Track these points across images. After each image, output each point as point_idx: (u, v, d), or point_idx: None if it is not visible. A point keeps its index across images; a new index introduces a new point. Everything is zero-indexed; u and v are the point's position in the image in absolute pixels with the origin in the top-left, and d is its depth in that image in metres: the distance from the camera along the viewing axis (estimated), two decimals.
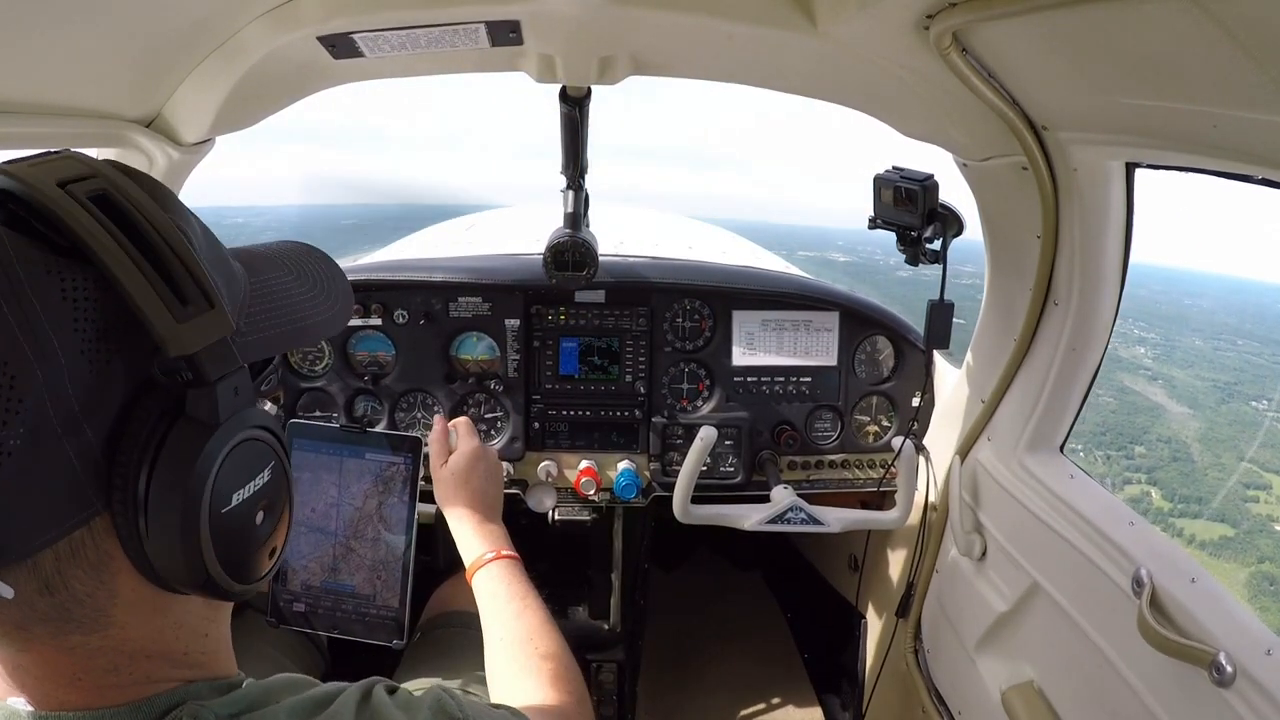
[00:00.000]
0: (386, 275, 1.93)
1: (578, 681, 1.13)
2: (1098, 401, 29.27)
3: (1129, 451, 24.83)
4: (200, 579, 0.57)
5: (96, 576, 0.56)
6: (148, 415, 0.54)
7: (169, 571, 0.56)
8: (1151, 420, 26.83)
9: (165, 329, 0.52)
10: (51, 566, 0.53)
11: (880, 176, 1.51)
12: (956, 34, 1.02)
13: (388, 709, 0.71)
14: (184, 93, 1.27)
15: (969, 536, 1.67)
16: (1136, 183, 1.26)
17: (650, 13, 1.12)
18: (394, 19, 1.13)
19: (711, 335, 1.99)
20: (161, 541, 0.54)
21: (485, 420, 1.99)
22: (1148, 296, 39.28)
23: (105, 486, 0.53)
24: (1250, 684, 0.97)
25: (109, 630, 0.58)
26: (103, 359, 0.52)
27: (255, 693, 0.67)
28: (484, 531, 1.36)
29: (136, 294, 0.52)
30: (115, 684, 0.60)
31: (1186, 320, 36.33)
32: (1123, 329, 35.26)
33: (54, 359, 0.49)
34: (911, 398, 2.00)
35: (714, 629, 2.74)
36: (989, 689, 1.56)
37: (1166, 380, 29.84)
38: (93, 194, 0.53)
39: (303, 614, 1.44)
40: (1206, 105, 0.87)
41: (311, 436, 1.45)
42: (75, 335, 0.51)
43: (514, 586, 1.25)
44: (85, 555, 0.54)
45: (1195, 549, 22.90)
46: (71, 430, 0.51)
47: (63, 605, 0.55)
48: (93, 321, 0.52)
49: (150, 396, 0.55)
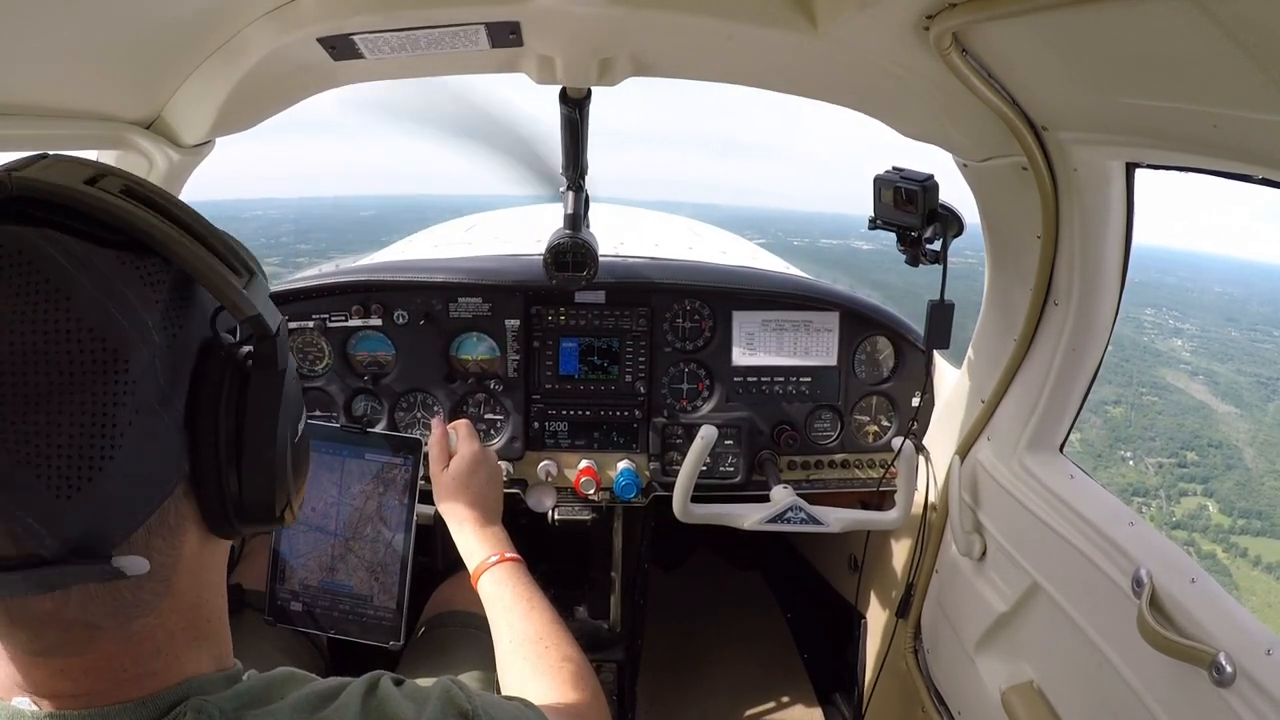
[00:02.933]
0: (386, 275, 1.93)
1: (592, 680, 1.13)
2: (1141, 402, 28.71)
3: (1181, 459, 24.07)
4: (283, 506, 0.64)
5: (171, 541, 0.59)
6: (219, 375, 0.60)
7: (257, 509, 0.62)
8: (1200, 422, 26.11)
9: (234, 295, 0.58)
10: (143, 541, 0.56)
11: (880, 177, 1.51)
12: (956, 34, 1.02)
13: (395, 700, 0.71)
14: (184, 94, 1.27)
15: (969, 536, 1.67)
16: (1136, 183, 1.26)
17: (650, 13, 1.12)
18: (394, 20, 1.13)
19: (711, 335, 1.99)
20: (257, 481, 0.60)
21: (485, 420, 1.99)
22: (1177, 284, 38.49)
23: (192, 448, 0.58)
24: (1250, 684, 0.97)
25: (164, 602, 0.61)
26: (174, 332, 0.57)
27: (258, 686, 0.67)
28: (486, 535, 1.36)
29: (206, 270, 0.57)
30: (125, 679, 0.60)
31: (1220, 309, 35.46)
32: (1158, 319, 34.53)
33: (150, 339, 0.54)
34: (911, 398, 2.00)
35: (714, 629, 2.74)
36: (989, 689, 1.56)
37: (1208, 376, 29.10)
38: (122, 189, 0.57)
39: (300, 613, 1.44)
40: (1206, 105, 0.87)
41: (312, 436, 1.45)
42: (158, 314, 0.55)
43: (519, 589, 1.25)
44: (167, 522, 0.58)
45: (1261, 572, 21.61)
46: (166, 403, 0.55)
47: (140, 583, 0.57)
48: (164, 300, 0.57)
49: (213, 360, 0.60)
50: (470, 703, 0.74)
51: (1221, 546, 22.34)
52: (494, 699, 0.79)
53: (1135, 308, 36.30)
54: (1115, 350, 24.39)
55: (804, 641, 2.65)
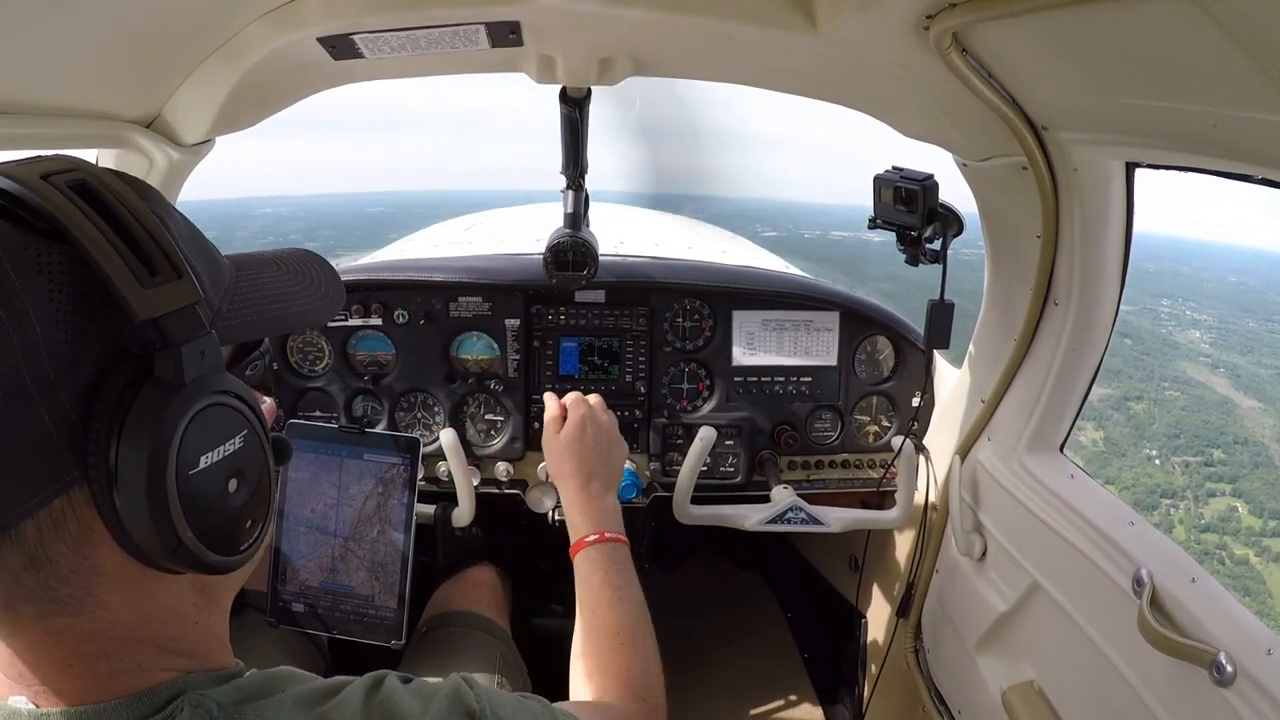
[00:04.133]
0: (386, 275, 1.93)
1: (656, 691, 1.08)
2: (1163, 397, 28.03)
3: (1208, 457, 23.24)
4: (172, 546, 0.57)
5: (79, 551, 0.56)
6: (118, 382, 0.56)
7: (142, 538, 0.56)
8: (1223, 418, 25.30)
9: (131, 294, 0.54)
10: (35, 539, 0.54)
11: (880, 176, 1.51)
12: (956, 34, 1.02)
13: (401, 697, 0.70)
14: (184, 93, 1.27)
15: (969, 536, 1.67)
16: (1136, 183, 1.26)
17: (650, 13, 1.12)
18: (394, 20, 1.13)
19: (711, 335, 1.99)
20: (131, 503, 0.55)
21: (485, 420, 1.99)
22: (1191, 274, 37.60)
23: (81, 453, 0.55)
24: (1251, 684, 0.97)
25: (96, 612, 0.58)
26: (78, 329, 0.54)
27: (258, 681, 0.66)
28: (590, 508, 1.28)
29: (104, 262, 0.54)
30: (107, 671, 0.60)
31: (1236, 299, 34.60)
32: (1174, 310, 33.69)
33: (29, 326, 0.51)
34: (911, 397, 2.00)
35: (714, 629, 2.74)
36: (989, 689, 1.56)
37: (1229, 369, 28.29)
38: (72, 183, 0.56)
39: (302, 614, 1.44)
40: (1206, 105, 0.87)
41: (310, 437, 1.45)
42: (50, 305, 0.53)
43: (612, 575, 1.19)
44: (68, 528, 0.55)
45: None
46: (46, 396, 0.53)
47: (47, 582, 0.56)
48: (67, 293, 0.54)
49: (123, 365, 0.56)
50: (479, 702, 0.73)
51: (1254, 550, 21.28)
52: (503, 696, 0.78)
53: (1151, 298, 35.24)
54: (1135, 343, 23.56)
55: (804, 641, 2.65)
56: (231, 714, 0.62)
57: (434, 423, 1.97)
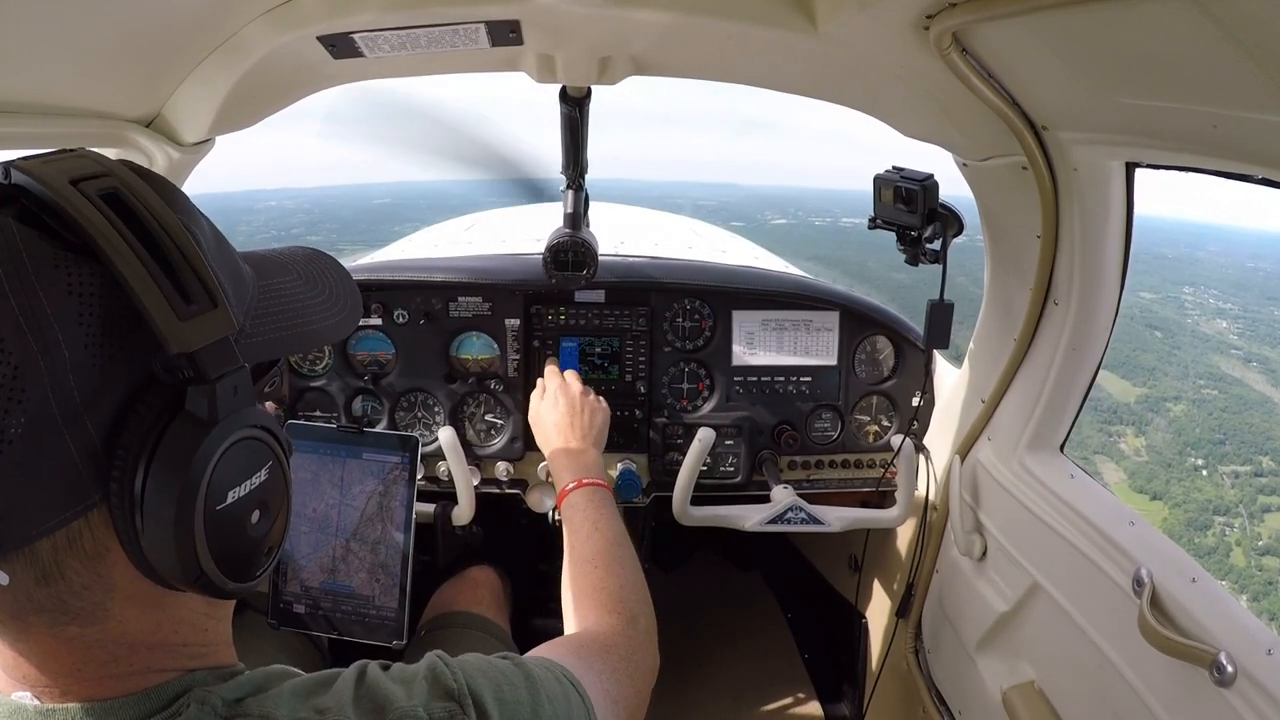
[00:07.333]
0: (386, 275, 1.93)
1: (633, 602, 1.10)
2: (1201, 396, 26.38)
3: (1257, 466, 21.13)
4: (194, 576, 0.57)
5: (93, 569, 0.56)
6: (148, 411, 0.54)
7: (164, 567, 0.56)
8: (1265, 418, 23.22)
9: (167, 326, 0.53)
10: (49, 556, 0.54)
11: (880, 176, 1.51)
12: (956, 34, 1.02)
13: (384, 683, 0.70)
14: (184, 93, 1.27)
15: (969, 536, 1.67)
16: (1136, 182, 1.26)
17: (650, 13, 1.12)
18: (394, 19, 1.13)
19: (711, 335, 1.99)
20: (156, 537, 0.54)
21: (485, 420, 1.99)
22: (1208, 259, 35.94)
23: (104, 479, 0.54)
24: (1251, 684, 0.97)
25: (106, 623, 0.58)
26: (106, 354, 0.53)
27: (257, 677, 0.67)
28: (570, 463, 1.39)
29: (141, 291, 0.52)
30: (116, 674, 0.60)
31: (1257, 286, 32.95)
32: (1198, 299, 32.07)
33: (58, 351, 0.50)
34: (911, 397, 2.00)
35: (714, 629, 2.74)
36: (989, 689, 1.56)
37: (1262, 362, 26.35)
38: (103, 192, 0.54)
39: (302, 615, 1.44)
40: (1206, 105, 0.87)
41: (310, 437, 1.45)
42: (80, 329, 0.51)
43: (589, 511, 1.26)
44: (82, 547, 0.55)
45: None
46: (72, 422, 0.51)
47: (59, 596, 0.55)
48: (98, 317, 0.52)
49: (151, 393, 0.55)
50: (456, 680, 0.72)
51: None
52: (479, 663, 0.76)
53: (1174, 286, 34.34)
54: (1165, 336, 21.82)
55: (804, 641, 2.65)
56: (235, 709, 0.62)
57: (434, 422, 1.97)
